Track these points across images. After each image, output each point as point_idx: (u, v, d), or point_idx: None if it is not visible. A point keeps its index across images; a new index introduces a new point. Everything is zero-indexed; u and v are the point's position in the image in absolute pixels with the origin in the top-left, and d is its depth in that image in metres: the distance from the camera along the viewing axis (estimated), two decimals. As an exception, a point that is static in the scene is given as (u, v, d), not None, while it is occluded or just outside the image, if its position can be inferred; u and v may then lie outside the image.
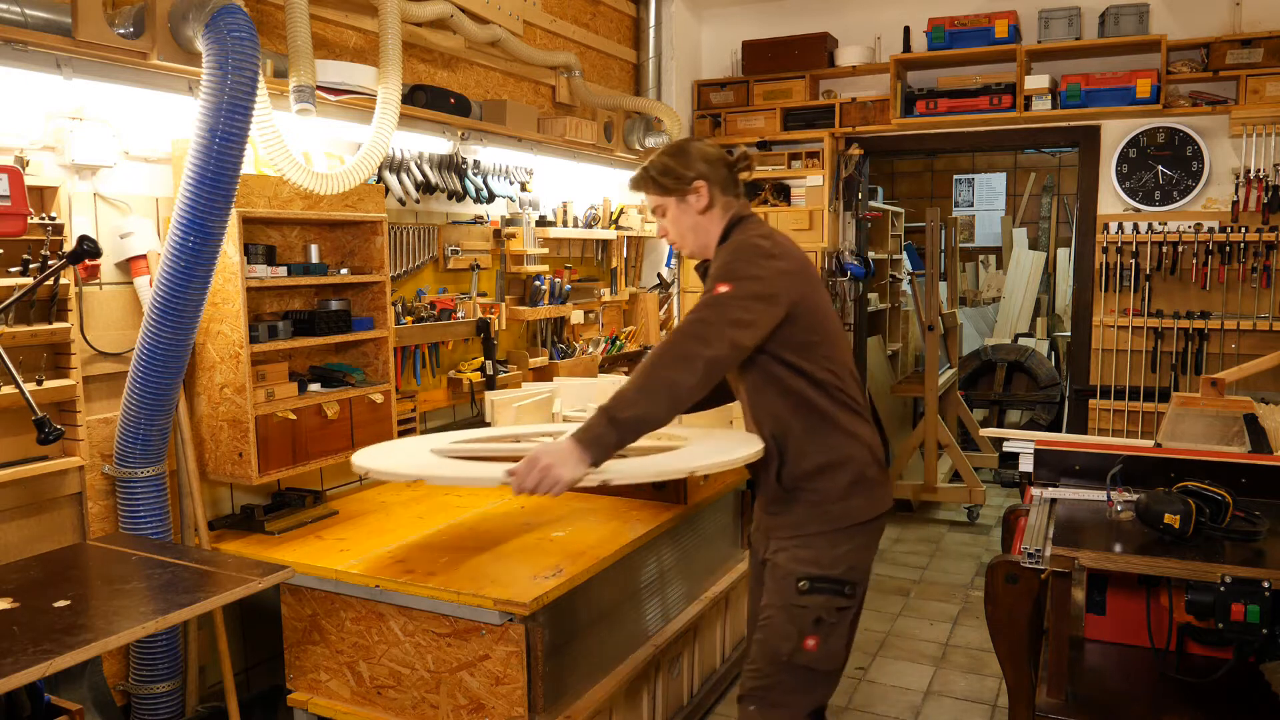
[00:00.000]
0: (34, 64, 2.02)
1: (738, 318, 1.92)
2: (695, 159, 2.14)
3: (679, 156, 2.15)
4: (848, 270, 4.79)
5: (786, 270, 2.01)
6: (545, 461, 1.86)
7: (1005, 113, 4.39)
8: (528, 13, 3.85)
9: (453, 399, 3.49)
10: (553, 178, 3.99)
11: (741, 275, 1.96)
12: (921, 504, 6.07)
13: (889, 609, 4.50)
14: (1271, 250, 4.05)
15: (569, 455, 1.86)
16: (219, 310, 2.47)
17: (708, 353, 1.88)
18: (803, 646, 1.99)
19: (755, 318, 1.94)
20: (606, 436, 1.87)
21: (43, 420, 1.98)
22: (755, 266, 1.98)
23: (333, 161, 2.86)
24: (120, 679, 2.41)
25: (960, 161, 8.91)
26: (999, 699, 3.53)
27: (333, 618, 2.24)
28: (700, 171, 2.12)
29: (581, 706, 2.19)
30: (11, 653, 1.57)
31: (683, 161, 2.14)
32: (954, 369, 6.38)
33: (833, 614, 2.00)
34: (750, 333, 1.94)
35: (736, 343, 1.92)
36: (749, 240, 2.04)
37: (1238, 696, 1.88)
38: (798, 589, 2.01)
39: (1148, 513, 1.89)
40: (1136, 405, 4.33)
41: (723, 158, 2.18)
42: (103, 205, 2.37)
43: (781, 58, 4.88)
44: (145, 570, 2.03)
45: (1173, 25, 4.22)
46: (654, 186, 2.18)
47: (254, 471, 2.48)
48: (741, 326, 1.92)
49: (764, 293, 1.96)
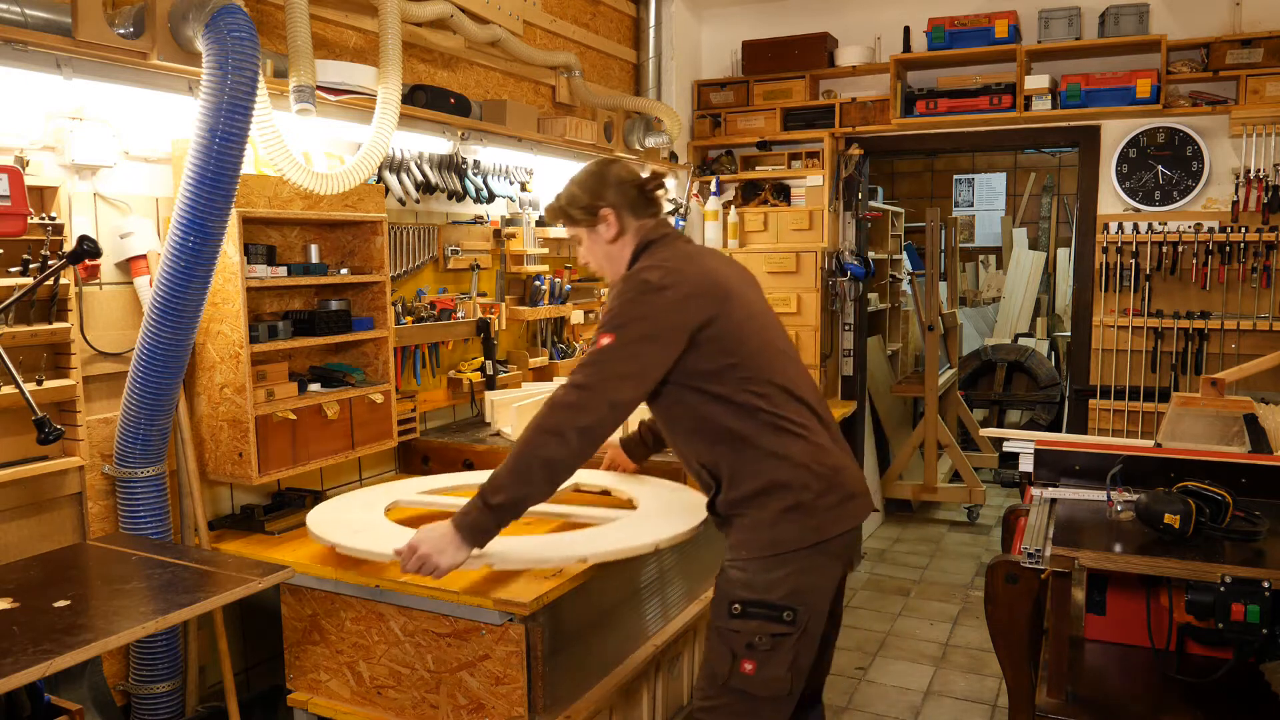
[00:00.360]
0: (34, 64, 2.02)
1: (621, 371, 1.89)
2: (604, 185, 2.11)
3: (587, 185, 2.13)
4: (848, 270, 4.79)
5: (681, 299, 1.95)
6: (424, 551, 1.90)
7: (1005, 113, 4.39)
8: (528, 13, 3.85)
9: (453, 399, 3.49)
10: (553, 178, 3.98)
11: (625, 320, 1.93)
12: (921, 504, 6.07)
13: (889, 609, 4.50)
14: (1271, 250, 4.05)
15: (448, 543, 1.89)
16: (219, 310, 2.47)
17: (581, 422, 1.87)
18: (739, 670, 1.96)
19: (643, 365, 1.91)
20: (483, 522, 1.89)
21: (43, 420, 1.98)
22: (641, 306, 1.93)
23: (333, 161, 2.86)
24: (120, 679, 2.41)
25: (960, 161, 8.91)
26: (999, 699, 3.53)
27: (333, 618, 2.24)
28: (608, 200, 2.10)
29: (581, 706, 2.19)
30: (11, 653, 1.58)
31: (591, 190, 2.12)
32: (954, 369, 6.38)
33: (766, 640, 1.94)
34: (636, 383, 1.91)
35: (617, 402, 1.89)
36: (638, 276, 1.99)
37: (1238, 696, 1.88)
38: (730, 612, 1.98)
39: (1148, 513, 1.89)
40: (1136, 405, 4.33)
41: (634, 179, 2.14)
42: (103, 205, 2.37)
43: (781, 58, 4.87)
44: (145, 570, 2.03)
45: (1173, 25, 4.22)
46: (564, 218, 2.17)
47: (254, 471, 2.48)
48: (624, 379, 1.89)
49: (651, 333, 1.92)
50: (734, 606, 1.97)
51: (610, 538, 2.10)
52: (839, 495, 2.00)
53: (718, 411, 1.99)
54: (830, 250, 4.75)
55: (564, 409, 1.88)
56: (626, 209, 2.11)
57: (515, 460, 1.89)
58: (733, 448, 2.00)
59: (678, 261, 2.02)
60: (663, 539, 2.09)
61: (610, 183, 2.11)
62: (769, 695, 1.97)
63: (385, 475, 3.23)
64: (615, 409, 1.90)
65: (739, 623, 1.97)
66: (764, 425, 1.98)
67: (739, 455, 1.99)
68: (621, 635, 2.43)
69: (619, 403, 1.90)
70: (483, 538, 1.91)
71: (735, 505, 2.01)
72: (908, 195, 8.88)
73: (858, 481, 2.07)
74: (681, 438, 2.10)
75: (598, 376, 1.89)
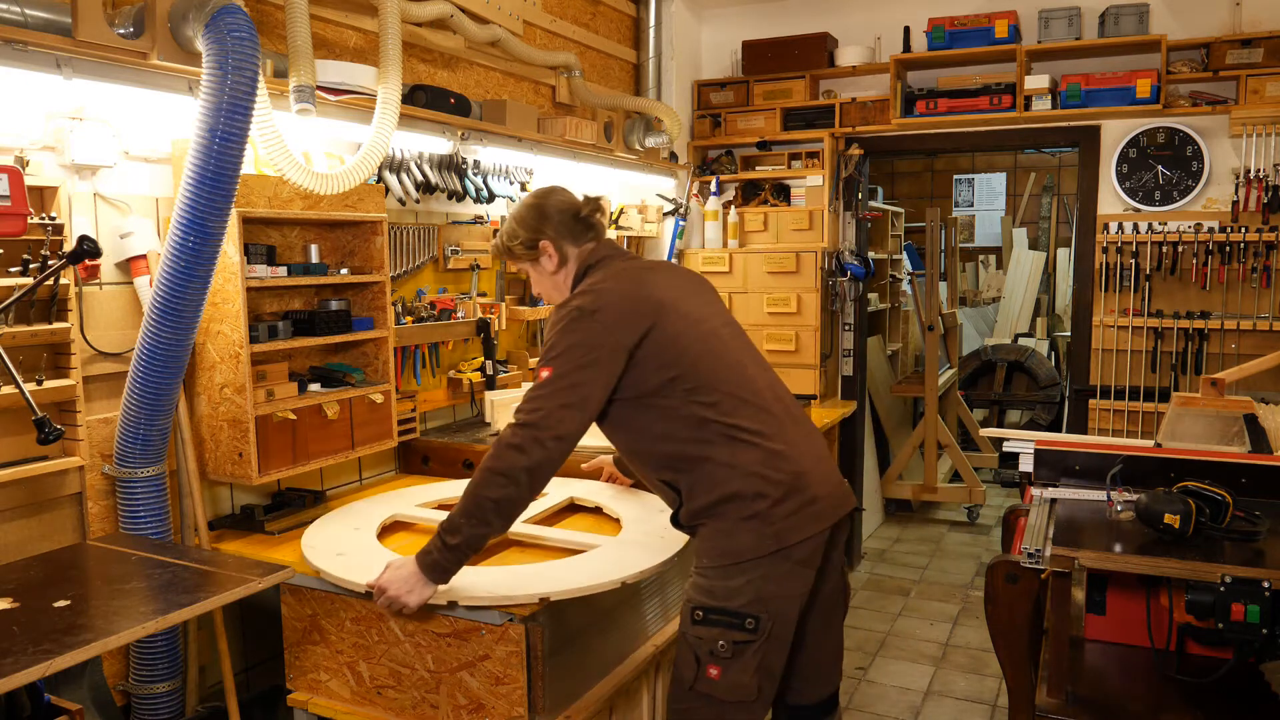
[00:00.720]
0: (34, 64, 2.02)
1: (562, 403, 1.93)
2: (542, 218, 2.17)
3: (526, 220, 2.19)
4: (848, 270, 4.79)
5: (615, 319, 1.98)
6: (392, 592, 1.97)
7: (1005, 113, 4.39)
8: (528, 13, 3.85)
9: (453, 399, 3.49)
10: (553, 177, 3.98)
11: (560, 350, 1.96)
12: (921, 504, 6.07)
13: (889, 609, 4.50)
14: (1271, 250, 4.05)
15: (415, 582, 1.96)
16: (219, 310, 2.47)
17: (527, 463, 1.91)
18: (705, 675, 1.98)
19: (583, 394, 1.95)
20: (444, 561, 1.95)
21: (43, 420, 1.98)
22: (573, 334, 1.97)
23: (333, 161, 2.86)
24: (120, 679, 2.41)
25: (960, 161, 8.91)
26: (999, 699, 3.53)
27: (333, 618, 2.24)
28: (546, 232, 2.16)
29: (581, 706, 2.19)
30: (11, 653, 1.57)
31: (529, 225, 2.18)
32: (954, 369, 6.39)
33: (728, 647, 1.96)
34: (578, 412, 1.95)
35: (562, 435, 1.93)
36: (569, 304, 2.03)
37: (1238, 696, 1.88)
38: (693, 618, 2.00)
39: (1148, 513, 1.89)
40: (1136, 405, 4.33)
41: (571, 207, 2.19)
42: (103, 205, 2.37)
43: (781, 58, 4.87)
44: (145, 570, 2.03)
45: (1173, 25, 4.22)
46: (508, 254, 2.25)
47: (254, 471, 2.48)
48: (567, 409, 1.93)
49: (587, 360, 1.95)
50: (696, 613, 2.00)
51: (577, 573, 2.13)
52: (799, 500, 1.99)
53: (666, 427, 2.02)
54: (830, 250, 4.75)
55: (510, 450, 1.93)
56: (566, 238, 2.17)
57: (468, 502, 1.94)
58: (686, 461, 2.02)
59: (609, 282, 2.06)
60: (629, 575, 2.12)
61: (548, 214, 2.18)
62: (735, 700, 1.99)
63: (385, 475, 3.23)
64: (561, 442, 1.94)
65: (702, 629, 1.99)
66: (715, 436, 2.00)
67: (693, 468, 2.02)
68: (621, 635, 2.43)
69: (564, 435, 1.94)
70: (446, 575, 1.97)
71: (696, 516, 2.04)
72: (908, 195, 8.88)
73: (823, 482, 2.05)
74: (634, 455, 2.14)
75: (540, 413, 1.93)
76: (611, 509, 2.63)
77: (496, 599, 2.01)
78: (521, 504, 1.97)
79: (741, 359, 2.11)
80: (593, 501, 2.71)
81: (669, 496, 2.11)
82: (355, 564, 2.20)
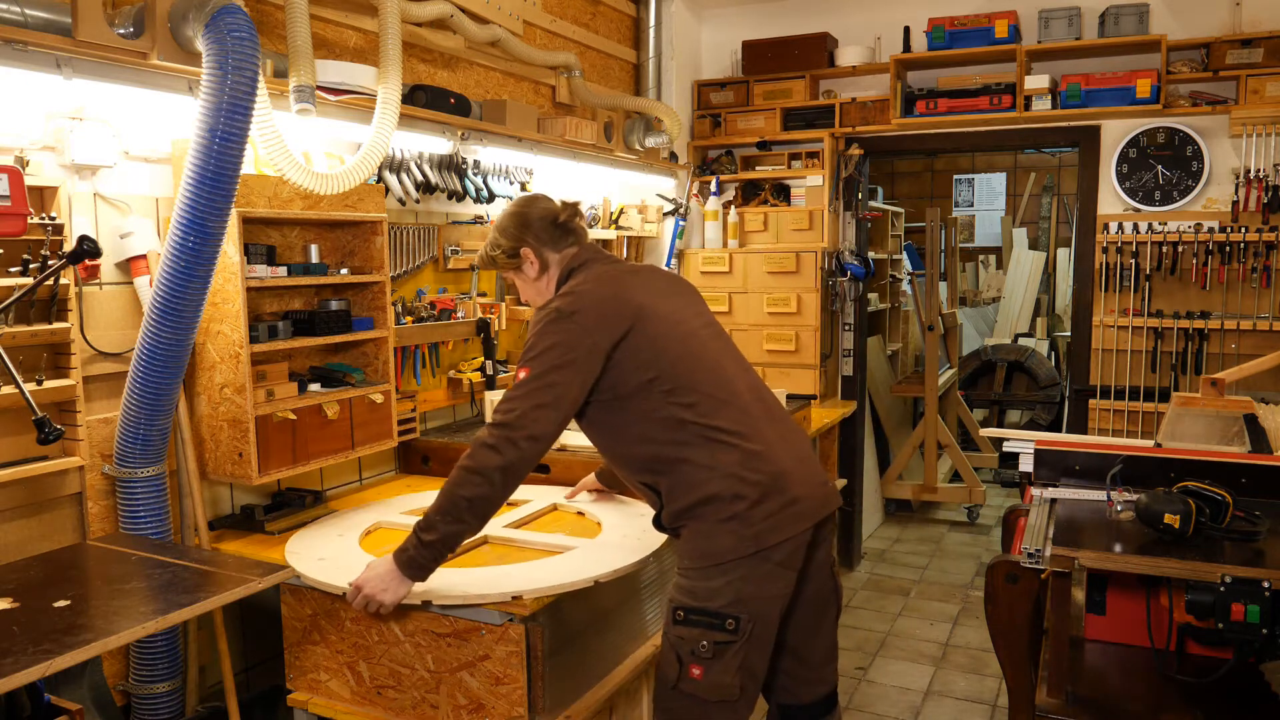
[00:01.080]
0: (34, 64, 2.02)
1: (538, 403, 1.95)
2: (523, 226, 2.22)
3: (507, 229, 2.23)
4: (848, 270, 4.79)
5: (593, 321, 2.01)
6: (368, 591, 2.00)
7: (1005, 113, 4.39)
8: (528, 13, 3.85)
9: (453, 399, 3.49)
10: (553, 178, 3.99)
11: (538, 351, 1.99)
12: (921, 504, 6.07)
13: (889, 609, 4.50)
14: (1271, 250, 4.05)
15: (391, 580, 1.99)
16: (219, 310, 2.47)
17: (501, 462, 1.94)
18: (688, 675, 1.99)
19: (559, 394, 1.97)
20: (420, 559, 1.97)
21: (43, 420, 1.98)
22: (551, 335, 2.00)
23: (333, 161, 2.86)
24: (120, 679, 2.41)
25: (960, 161, 8.91)
26: (999, 699, 3.53)
27: (333, 618, 2.24)
28: (527, 240, 2.21)
29: (581, 706, 2.19)
30: (11, 653, 1.57)
31: (510, 233, 2.22)
32: (954, 369, 6.39)
33: (708, 647, 1.96)
34: (553, 413, 1.97)
35: (537, 435, 1.95)
36: (549, 306, 2.06)
37: (1238, 696, 1.88)
38: (674, 618, 2.01)
39: (1148, 513, 1.89)
40: (1136, 405, 4.33)
41: (550, 214, 2.22)
42: (103, 205, 2.37)
43: (781, 58, 4.88)
44: (145, 570, 2.03)
45: (1173, 25, 4.22)
46: (492, 264, 2.29)
47: (254, 471, 2.48)
48: (542, 409, 1.95)
49: (564, 361, 1.97)
50: (678, 613, 2.01)
51: (551, 572, 2.14)
52: (779, 501, 1.98)
53: (645, 428, 2.04)
54: (830, 250, 4.75)
55: (485, 449, 1.95)
56: (546, 244, 2.22)
57: (444, 500, 1.96)
58: (664, 463, 2.03)
59: (588, 285, 2.09)
60: (603, 573, 2.13)
61: (529, 222, 2.22)
62: (718, 700, 1.99)
63: (385, 475, 3.23)
64: (535, 442, 1.96)
65: (683, 629, 2.00)
66: (693, 437, 2.01)
67: (672, 469, 2.03)
68: (621, 635, 2.43)
69: (538, 435, 1.96)
70: (422, 573, 1.99)
71: (677, 518, 2.05)
72: (908, 195, 8.88)
73: (804, 483, 2.05)
74: (614, 457, 2.16)
75: (515, 413, 1.96)
76: (592, 513, 2.64)
77: (470, 597, 2.02)
78: (496, 502, 1.99)
79: (721, 360, 2.13)
80: (575, 507, 2.73)
81: (650, 499, 2.12)
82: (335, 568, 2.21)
